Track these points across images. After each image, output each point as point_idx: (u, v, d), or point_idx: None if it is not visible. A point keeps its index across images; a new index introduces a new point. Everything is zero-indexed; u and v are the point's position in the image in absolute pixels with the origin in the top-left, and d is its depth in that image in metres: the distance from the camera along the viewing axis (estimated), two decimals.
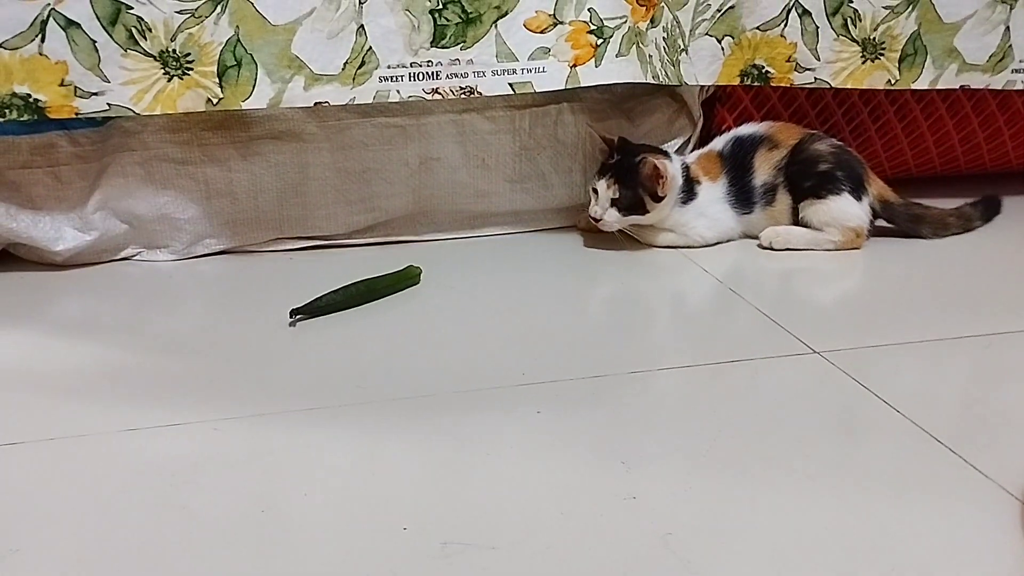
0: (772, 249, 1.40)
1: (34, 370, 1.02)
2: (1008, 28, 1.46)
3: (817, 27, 1.41)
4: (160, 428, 0.88)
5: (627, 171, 1.33)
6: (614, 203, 1.35)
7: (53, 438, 0.87)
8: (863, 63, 1.45)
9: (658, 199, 1.34)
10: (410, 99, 1.28)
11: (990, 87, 1.50)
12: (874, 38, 1.43)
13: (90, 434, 0.87)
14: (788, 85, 1.45)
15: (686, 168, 1.39)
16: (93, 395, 0.96)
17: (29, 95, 1.16)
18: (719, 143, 1.43)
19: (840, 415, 0.93)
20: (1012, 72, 1.50)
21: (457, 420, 0.91)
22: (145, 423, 0.89)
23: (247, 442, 0.87)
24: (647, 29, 1.34)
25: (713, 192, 1.40)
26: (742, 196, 1.41)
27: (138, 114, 1.21)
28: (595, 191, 1.36)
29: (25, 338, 1.11)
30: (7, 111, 1.16)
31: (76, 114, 1.19)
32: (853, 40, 1.43)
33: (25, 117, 1.17)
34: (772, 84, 1.45)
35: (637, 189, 1.33)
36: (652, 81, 1.35)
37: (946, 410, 0.93)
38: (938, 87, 1.49)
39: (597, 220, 1.36)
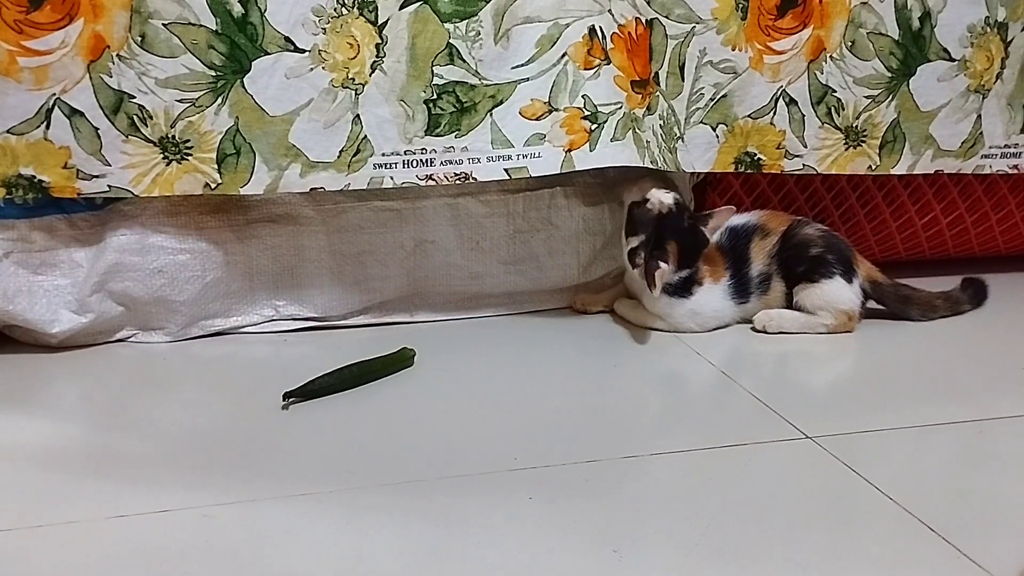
0: (766, 332, 1.40)
1: (26, 454, 1.01)
2: (980, 116, 1.52)
3: (803, 115, 1.45)
4: (149, 515, 0.88)
5: (654, 246, 1.34)
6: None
7: (43, 525, 0.86)
8: (846, 149, 1.49)
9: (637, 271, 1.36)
10: (404, 185, 1.31)
11: (961, 171, 1.55)
12: (856, 126, 1.48)
13: (80, 520, 0.87)
14: (779, 171, 1.49)
15: (696, 270, 1.39)
16: (84, 480, 0.95)
17: (34, 176, 1.19)
18: (715, 235, 1.43)
19: (832, 502, 0.93)
20: (982, 157, 1.55)
21: (447, 506, 0.91)
22: (135, 509, 0.89)
23: (236, 529, 0.86)
24: (644, 116, 1.37)
25: (714, 292, 1.41)
26: (740, 287, 1.42)
27: (137, 196, 1.24)
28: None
29: (18, 421, 1.11)
30: (13, 190, 1.20)
31: (78, 194, 1.22)
32: (836, 128, 1.47)
33: (30, 196, 1.20)
34: (764, 171, 1.48)
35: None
36: (650, 166, 1.38)
37: (938, 497, 0.93)
38: (915, 172, 1.53)
39: None
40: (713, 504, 0.91)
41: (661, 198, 1.35)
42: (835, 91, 1.45)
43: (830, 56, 1.44)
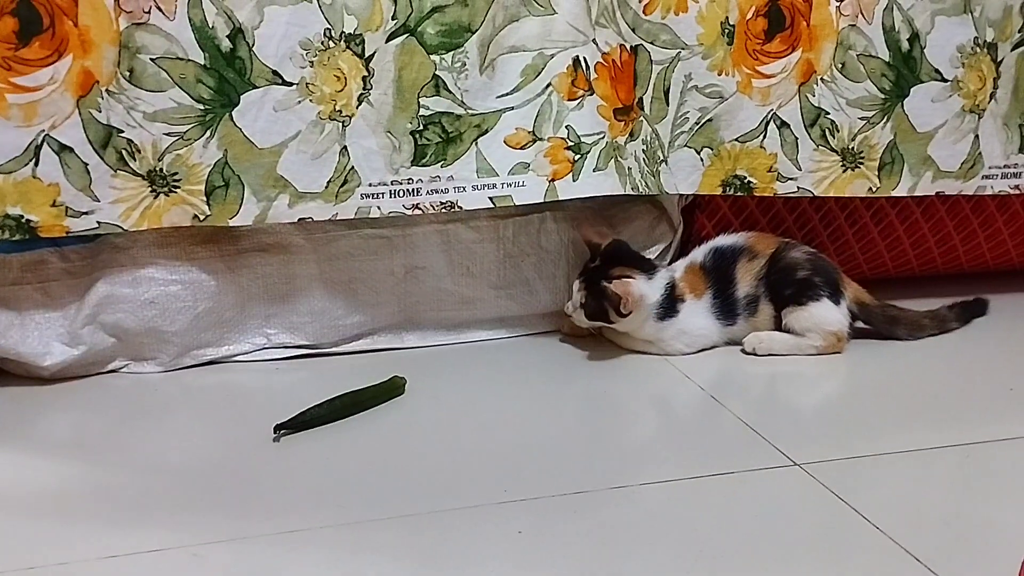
0: (755, 355, 1.41)
1: (17, 491, 1.02)
2: (977, 136, 1.51)
3: (796, 138, 1.46)
4: (139, 554, 0.88)
5: (597, 282, 1.36)
6: (582, 307, 1.38)
7: (35, 567, 0.86)
8: (844, 172, 1.49)
9: (621, 315, 1.36)
10: (391, 215, 1.32)
11: (963, 192, 1.54)
12: (852, 147, 1.48)
13: (71, 562, 0.87)
14: (772, 195, 1.49)
15: (672, 285, 1.40)
16: (74, 519, 0.96)
17: (21, 216, 1.18)
18: (699, 255, 1.45)
19: (820, 532, 0.94)
20: (982, 178, 1.54)
21: (438, 541, 0.91)
22: (126, 549, 0.89)
23: (226, 568, 0.87)
24: (626, 143, 1.38)
25: (697, 308, 1.41)
26: (726, 308, 1.42)
27: (126, 230, 1.24)
28: (573, 288, 1.41)
29: (9, 457, 1.11)
30: (0, 231, 1.19)
31: (67, 233, 1.21)
32: (832, 150, 1.47)
33: (17, 237, 1.19)
34: (756, 194, 1.48)
35: (602, 301, 1.36)
36: (631, 192, 1.39)
37: (926, 526, 0.94)
38: (916, 194, 1.53)
39: (568, 316, 1.42)
40: (702, 535, 0.92)
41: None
42: (828, 113, 1.45)
43: (821, 79, 1.44)
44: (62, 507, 0.98)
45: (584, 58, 1.33)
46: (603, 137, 1.35)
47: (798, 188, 1.48)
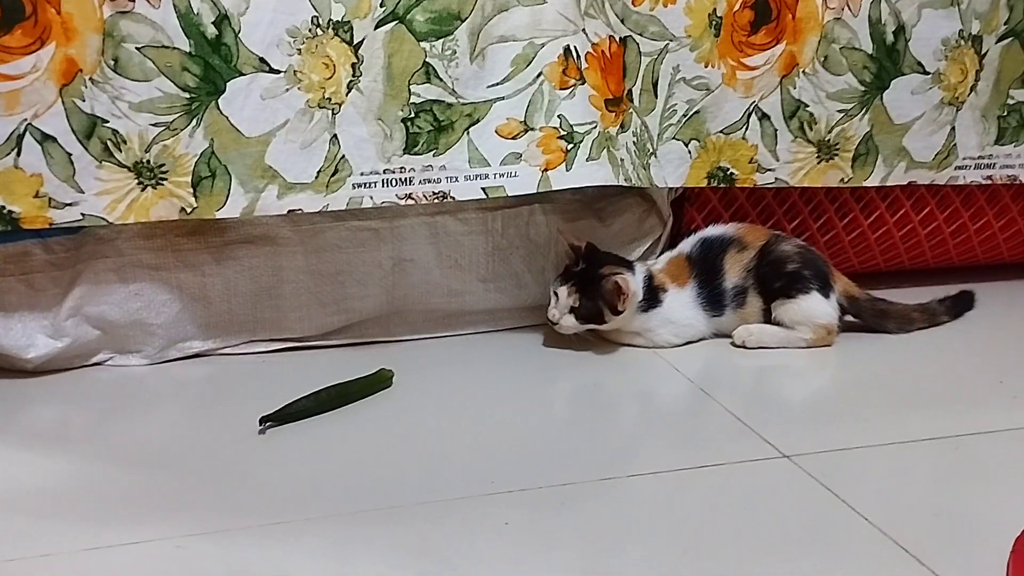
0: (745, 347, 1.41)
1: (1, 484, 1.01)
2: (953, 128, 1.53)
3: (776, 130, 1.46)
4: (123, 546, 0.87)
5: (590, 282, 1.35)
6: (573, 311, 1.36)
7: (16, 559, 0.86)
8: (818, 163, 1.50)
9: (617, 313, 1.36)
10: (384, 205, 1.30)
11: (935, 182, 1.56)
12: (828, 140, 1.49)
13: (53, 553, 0.86)
14: (752, 186, 1.49)
15: (649, 277, 1.41)
16: (58, 511, 0.95)
17: (3, 207, 1.16)
18: (686, 246, 1.46)
19: (809, 524, 0.93)
20: (955, 169, 1.56)
21: (425, 533, 0.90)
22: (108, 541, 0.88)
23: (210, 560, 0.86)
24: (617, 134, 1.38)
25: (681, 298, 1.41)
26: (713, 299, 1.42)
27: (111, 223, 1.22)
28: (555, 295, 1.38)
29: None
30: None
31: (50, 224, 1.19)
32: (809, 142, 1.48)
33: None
34: (737, 185, 1.48)
35: (597, 301, 1.35)
36: (624, 183, 1.38)
37: (915, 518, 0.93)
38: (887, 184, 1.54)
39: (554, 323, 1.38)
40: (691, 527, 0.92)
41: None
42: (807, 106, 1.46)
43: (803, 71, 1.44)
44: (45, 499, 0.97)
45: (575, 47, 1.32)
46: (596, 127, 1.34)
47: (776, 179, 1.49)
